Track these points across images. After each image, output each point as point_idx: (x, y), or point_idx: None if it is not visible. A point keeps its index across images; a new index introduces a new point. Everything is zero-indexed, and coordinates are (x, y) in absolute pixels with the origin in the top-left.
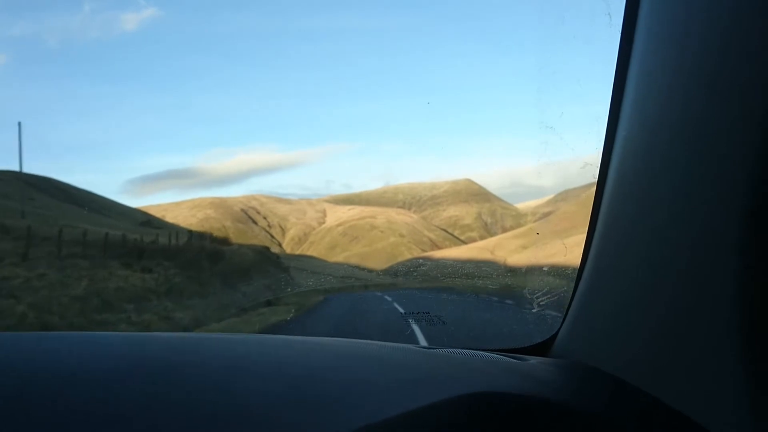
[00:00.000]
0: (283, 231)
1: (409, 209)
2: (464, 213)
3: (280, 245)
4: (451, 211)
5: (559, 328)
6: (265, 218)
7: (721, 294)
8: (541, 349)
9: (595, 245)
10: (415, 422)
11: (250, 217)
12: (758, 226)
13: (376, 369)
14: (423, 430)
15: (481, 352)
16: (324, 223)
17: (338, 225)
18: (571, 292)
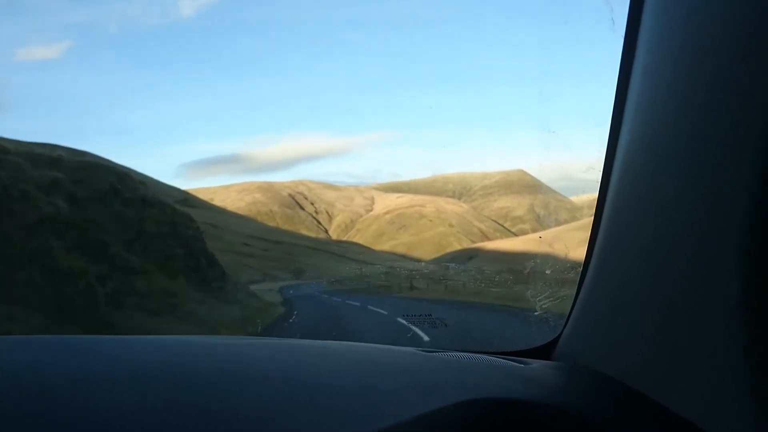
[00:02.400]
0: (330, 217)
1: (459, 199)
2: (516, 204)
3: (326, 231)
4: (503, 202)
5: (562, 331)
6: (312, 204)
7: (724, 298)
8: (544, 351)
9: (598, 248)
10: (418, 429)
11: (297, 203)
12: (761, 227)
13: (379, 373)
14: None
15: (483, 356)
16: (371, 210)
17: (386, 213)
18: (574, 295)
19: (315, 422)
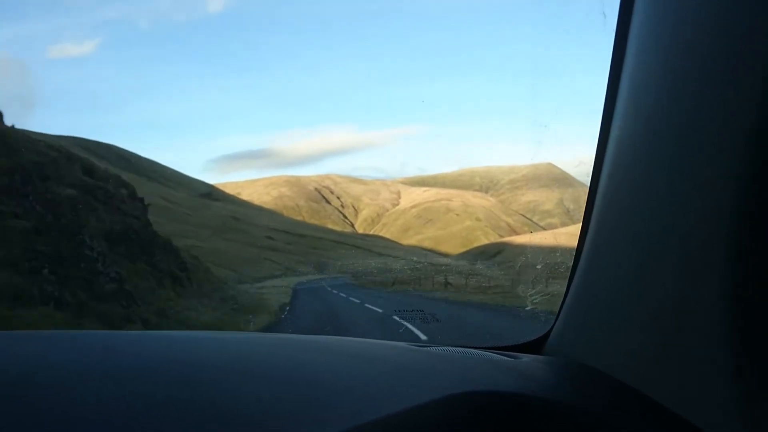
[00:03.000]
0: (356, 211)
1: (486, 193)
2: (544, 198)
3: (352, 226)
4: (531, 196)
5: (553, 326)
6: (338, 198)
7: (714, 292)
8: (535, 346)
9: (589, 242)
10: (408, 421)
11: (323, 197)
12: (751, 221)
13: (370, 367)
14: (416, 430)
15: (474, 350)
16: (398, 204)
17: (412, 207)
18: (564, 290)
19: (306, 415)
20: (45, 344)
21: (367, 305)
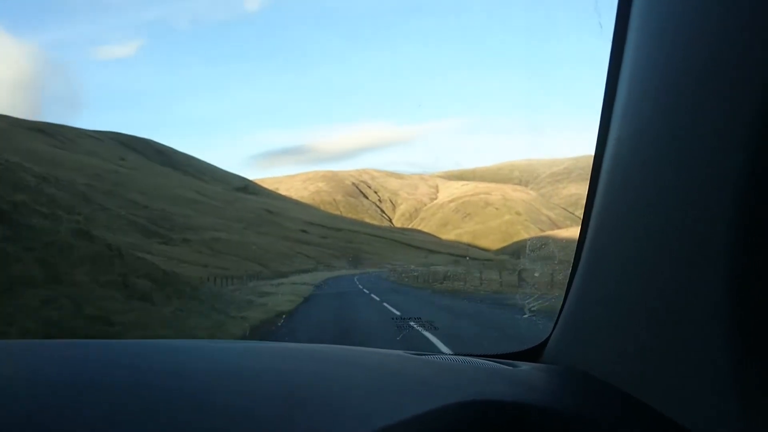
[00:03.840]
0: (394, 206)
1: (526, 186)
2: (587, 191)
3: (390, 221)
4: (572, 189)
5: (551, 333)
6: (376, 192)
7: (715, 296)
8: (533, 354)
9: (587, 250)
10: (407, 431)
11: (361, 191)
12: (748, 228)
13: (368, 376)
14: None
15: (472, 358)
16: (436, 198)
17: (450, 201)
18: (563, 297)
19: (305, 424)
20: (34, 354)
21: (412, 325)
